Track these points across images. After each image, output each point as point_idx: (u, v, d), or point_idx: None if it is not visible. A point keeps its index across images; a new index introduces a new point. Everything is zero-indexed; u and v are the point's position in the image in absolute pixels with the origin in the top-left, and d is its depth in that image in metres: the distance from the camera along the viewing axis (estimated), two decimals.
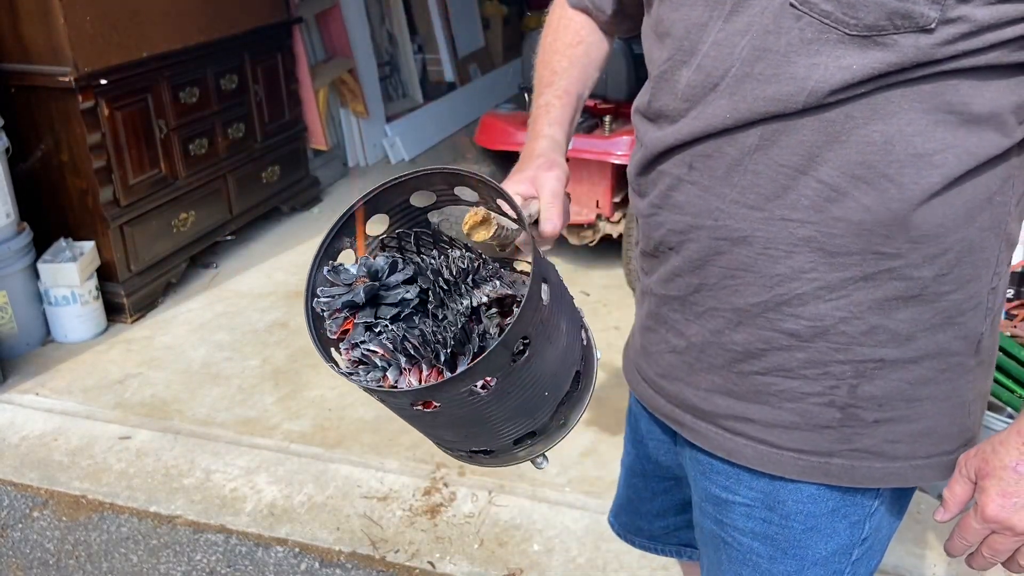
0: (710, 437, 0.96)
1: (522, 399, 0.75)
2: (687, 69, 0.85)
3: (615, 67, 3.23)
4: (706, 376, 0.94)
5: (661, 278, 0.97)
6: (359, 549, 2.13)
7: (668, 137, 0.89)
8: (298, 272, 3.62)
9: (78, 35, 2.85)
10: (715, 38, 0.82)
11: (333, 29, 4.65)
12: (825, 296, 0.84)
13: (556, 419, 0.82)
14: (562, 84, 1.07)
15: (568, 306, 0.82)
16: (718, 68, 0.82)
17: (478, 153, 3.49)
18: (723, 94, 0.82)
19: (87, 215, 3.07)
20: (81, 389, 2.79)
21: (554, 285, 0.77)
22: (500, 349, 0.69)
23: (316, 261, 0.78)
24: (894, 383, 0.87)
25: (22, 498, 2.32)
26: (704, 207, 0.87)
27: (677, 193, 0.90)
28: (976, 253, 0.84)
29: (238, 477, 2.38)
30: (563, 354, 0.78)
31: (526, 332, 0.71)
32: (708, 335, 0.92)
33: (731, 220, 0.86)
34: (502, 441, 0.81)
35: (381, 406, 0.77)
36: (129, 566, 2.11)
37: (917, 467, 0.91)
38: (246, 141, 3.77)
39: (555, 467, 2.37)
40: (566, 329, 0.79)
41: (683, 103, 0.86)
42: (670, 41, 0.87)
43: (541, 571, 2.05)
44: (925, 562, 2.03)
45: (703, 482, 1.01)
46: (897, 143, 0.78)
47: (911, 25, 0.73)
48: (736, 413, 0.93)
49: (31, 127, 2.99)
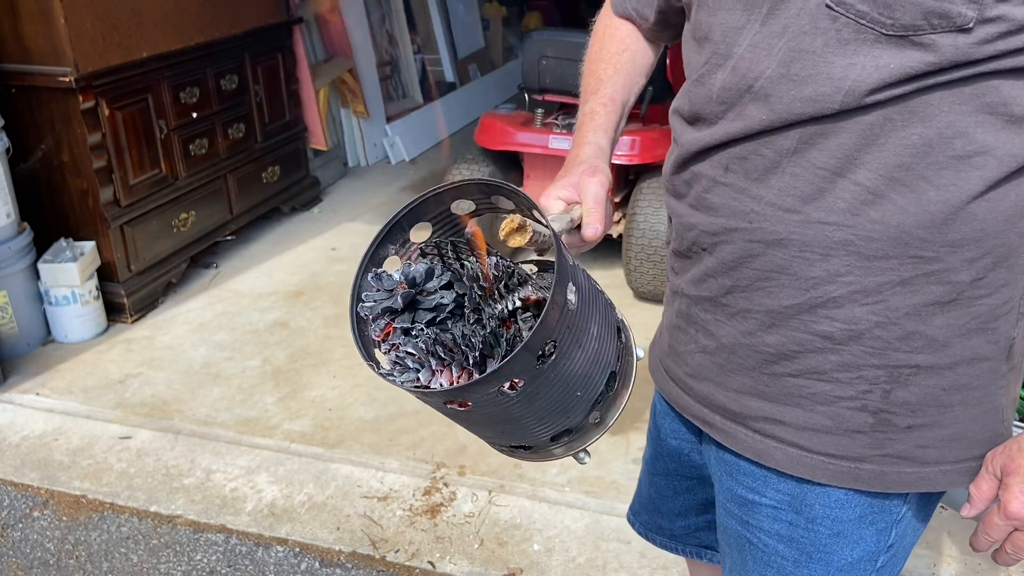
0: (739, 438, 0.96)
1: (553, 399, 0.78)
2: (722, 72, 0.86)
3: None
4: (737, 377, 0.94)
5: (693, 278, 0.97)
6: (359, 549, 2.13)
7: (704, 139, 0.89)
8: (298, 272, 3.62)
9: (78, 35, 2.85)
10: (751, 40, 0.83)
11: (333, 29, 4.65)
12: (861, 300, 0.84)
13: (591, 417, 0.84)
14: (607, 91, 1.08)
15: (601, 309, 0.83)
16: (753, 70, 0.83)
17: (476, 153, 3.49)
18: (759, 96, 0.83)
19: (87, 215, 3.07)
20: (81, 389, 2.79)
21: (583, 289, 0.78)
22: (524, 353, 0.71)
23: (361, 267, 0.82)
24: (928, 389, 0.87)
25: (22, 498, 2.33)
26: (739, 209, 0.87)
27: (712, 195, 0.90)
28: (1012, 258, 0.83)
29: (238, 477, 2.38)
30: (594, 356, 0.80)
31: (551, 336, 0.73)
32: (740, 336, 0.92)
33: (767, 222, 0.86)
34: (539, 438, 0.84)
35: (381, 406, 0.79)
36: (129, 566, 2.11)
37: (947, 472, 0.90)
38: (246, 141, 3.77)
39: (555, 467, 2.38)
40: (597, 332, 0.80)
41: (718, 105, 0.87)
42: (708, 45, 0.88)
43: (541, 571, 2.05)
44: (925, 562, 2.03)
45: (729, 482, 1.01)
46: (936, 145, 0.77)
47: (948, 25, 0.72)
48: (767, 415, 0.93)
49: (31, 127, 2.99)
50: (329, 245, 3.90)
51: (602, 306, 0.83)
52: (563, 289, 0.74)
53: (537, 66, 3.34)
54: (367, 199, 4.47)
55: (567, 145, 3.27)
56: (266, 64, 3.85)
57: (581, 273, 0.80)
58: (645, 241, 3.09)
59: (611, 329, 0.84)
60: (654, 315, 3.21)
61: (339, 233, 4.03)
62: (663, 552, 2.08)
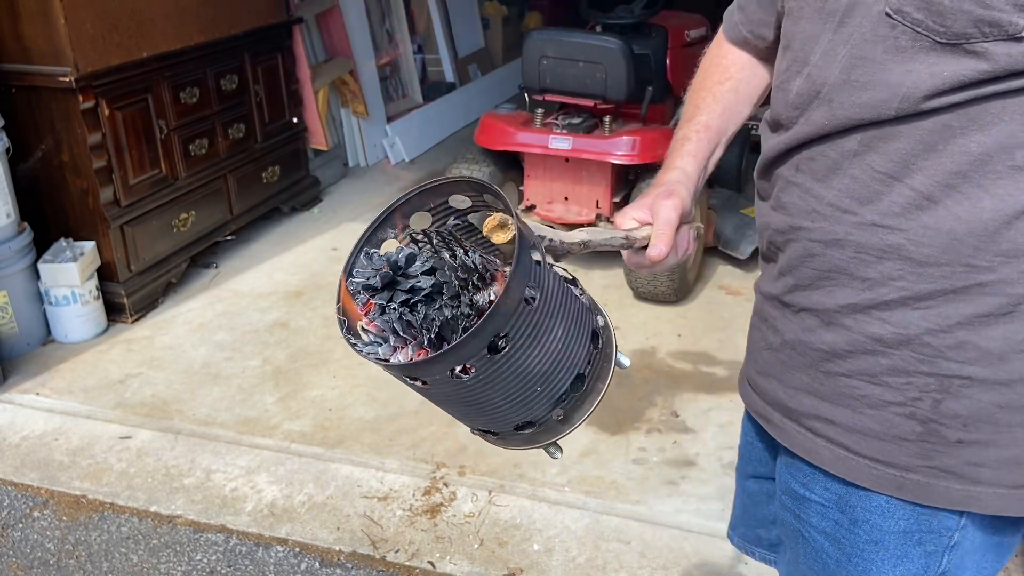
0: (792, 435, 0.97)
1: (509, 390, 0.82)
2: (799, 79, 0.89)
3: (615, 68, 3.23)
4: (796, 374, 0.96)
5: (768, 276, 1.00)
6: (359, 549, 2.13)
7: (782, 142, 0.93)
8: (298, 272, 3.62)
9: (78, 35, 2.85)
10: (824, 48, 0.85)
11: (333, 29, 4.65)
12: (912, 304, 0.84)
13: (554, 414, 0.88)
14: (702, 119, 1.11)
15: (573, 313, 0.86)
16: (821, 76, 0.85)
17: (477, 153, 3.49)
18: (824, 100, 0.85)
19: (87, 215, 3.07)
20: (81, 389, 2.79)
21: (549, 291, 0.82)
22: (472, 339, 0.76)
23: (358, 246, 0.88)
24: (982, 404, 0.85)
25: (22, 498, 2.33)
26: (804, 208, 0.90)
27: (785, 194, 0.94)
28: None
29: (238, 477, 2.38)
30: (557, 356, 0.84)
31: (501, 329, 0.77)
32: (800, 333, 0.94)
33: (826, 222, 0.88)
34: (500, 425, 0.89)
35: (381, 406, 0.83)
36: (129, 566, 2.11)
37: (1002, 496, 0.88)
38: (246, 141, 3.77)
39: (555, 467, 2.38)
40: (563, 335, 0.84)
41: (793, 111, 0.90)
42: (789, 53, 0.91)
43: (541, 571, 2.05)
44: None
45: (786, 476, 1.02)
46: (996, 155, 0.78)
47: (1000, 33, 0.73)
48: (819, 413, 0.94)
49: (32, 127, 2.99)
50: (329, 245, 3.90)
51: (575, 310, 0.86)
52: (519, 286, 0.78)
53: (537, 66, 3.34)
54: (367, 199, 4.47)
55: (567, 145, 3.28)
56: (266, 64, 3.85)
57: (551, 276, 0.83)
58: None
59: (583, 333, 0.87)
60: (654, 315, 3.22)
61: (339, 233, 4.03)
62: (663, 552, 2.08)
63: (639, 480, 2.34)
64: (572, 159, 3.30)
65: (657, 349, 3.00)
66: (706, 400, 2.70)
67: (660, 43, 3.65)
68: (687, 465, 2.40)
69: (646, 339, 3.06)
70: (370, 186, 4.68)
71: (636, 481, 2.33)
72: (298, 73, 4.13)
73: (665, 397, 2.72)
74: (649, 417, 2.62)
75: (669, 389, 2.76)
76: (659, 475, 2.36)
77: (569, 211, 3.40)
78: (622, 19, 3.59)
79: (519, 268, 0.77)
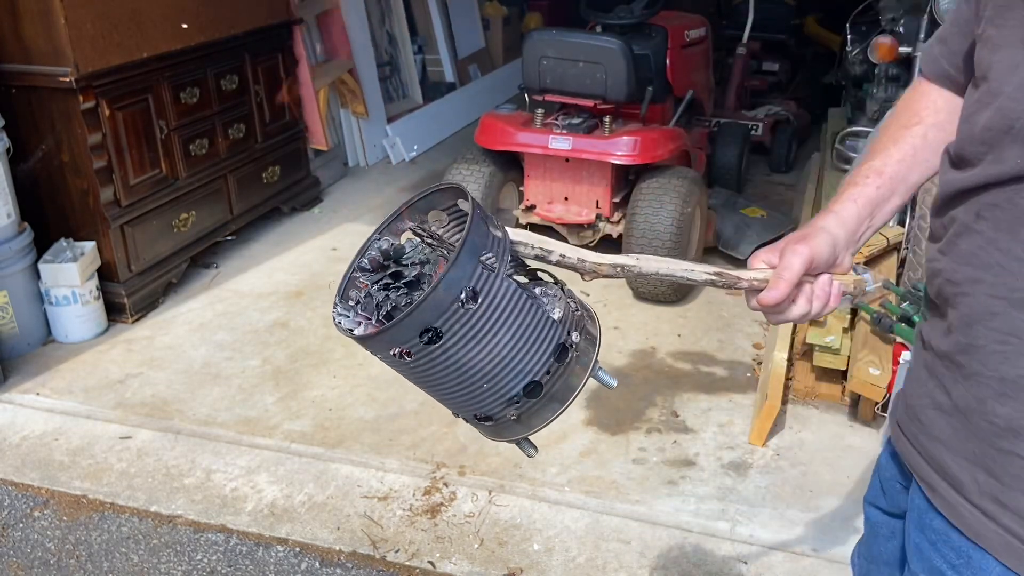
0: (960, 512, 0.88)
1: (453, 380, 0.89)
2: (988, 111, 0.81)
3: (615, 68, 3.24)
4: (967, 444, 0.86)
5: (935, 329, 0.91)
6: (359, 549, 2.13)
7: (961, 181, 0.85)
8: (298, 272, 3.63)
9: (79, 35, 2.85)
10: (1020, 79, 0.78)
11: (333, 29, 4.65)
12: None
13: (508, 414, 0.93)
14: (875, 164, 1.02)
15: (530, 323, 0.89)
16: (1015, 110, 0.78)
17: (477, 153, 3.49)
18: (1017, 137, 0.77)
19: (88, 215, 3.07)
20: (82, 389, 2.79)
21: (498, 300, 0.87)
22: (394, 327, 0.84)
23: (376, 233, 0.96)
24: None
25: (23, 498, 2.33)
26: (985, 260, 0.81)
27: (961, 241, 0.85)
28: None
29: (239, 477, 2.38)
30: (505, 359, 0.89)
31: (429, 323, 0.84)
32: (973, 401, 0.85)
33: (1011, 278, 0.79)
34: (463, 411, 0.96)
35: (381, 406, 0.85)
36: (130, 566, 2.11)
37: None
38: (247, 141, 3.77)
39: (555, 467, 2.38)
40: (511, 340, 0.88)
41: (980, 146, 0.82)
42: (983, 84, 0.84)
43: (541, 571, 2.05)
44: None
45: (929, 550, 0.93)
46: None
47: None
48: (991, 492, 0.84)
49: (32, 127, 2.99)
50: (329, 245, 3.90)
51: (532, 320, 0.90)
52: (450, 287, 0.83)
53: (537, 66, 3.34)
54: (367, 199, 4.47)
55: (567, 145, 3.28)
56: (266, 64, 3.85)
57: (502, 284, 0.87)
58: (645, 241, 3.09)
59: (542, 344, 0.90)
60: (654, 315, 3.22)
61: (339, 233, 4.03)
62: (663, 552, 2.09)
63: (639, 480, 2.34)
64: (572, 159, 3.30)
65: (657, 349, 3.00)
66: (706, 400, 2.70)
67: (660, 43, 3.65)
68: (687, 465, 2.40)
69: (646, 339, 3.06)
70: (370, 186, 4.68)
71: (636, 481, 2.34)
72: (298, 73, 4.13)
73: (665, 397, 2.72)
74: (649, 417, 2.62)
75: (669, 389, 2.76)
76: (659, 475, 2.36)
77: (569, 211, 3.40)
78: (622, 19, 3.59)
79: (456, 268, 0.83)
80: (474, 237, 0.85)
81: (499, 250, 0.88)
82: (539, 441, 0.98)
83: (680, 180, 3.18)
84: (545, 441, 2.50)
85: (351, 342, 0.90)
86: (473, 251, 0.84)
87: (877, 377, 2.38)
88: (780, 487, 2.30)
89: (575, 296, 0.98)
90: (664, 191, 3.12)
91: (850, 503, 2.22)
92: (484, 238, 0.87)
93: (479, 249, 0.85)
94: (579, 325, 0.95)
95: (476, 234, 0.85)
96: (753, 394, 2.73)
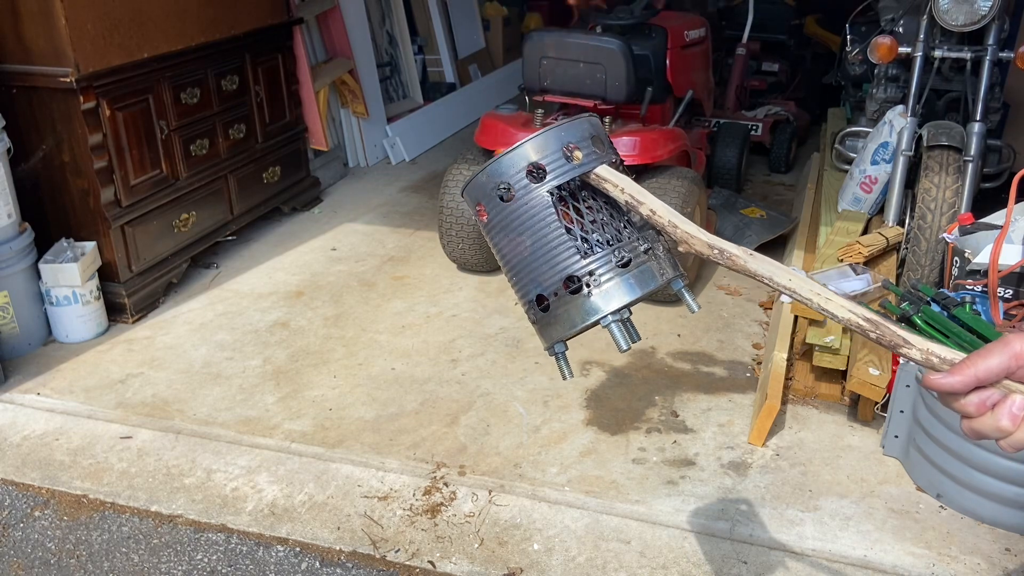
0: None
1: (511, 249, 1.02)
2: None
3: (615, 68, 3.24)
4: None
5: None
6: (360, 548, 2.13)
7: None
8: (299, 272, 3.63)
9: (79, 36, 2.85)
10: None
11: (333, 29, 4.66)
12: None
13: (530, 314, 1.04)
14: None
15: (546, 242, 0.99)
16: None
17: (477, 153, 3.49)
18: None
19: (88, 215, 3.07)
20: (82, 389, 2.80)
21: (528, 210, 0.99)
22: (480, 171, 1.03)
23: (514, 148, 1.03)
24: None
25: (23, 498, 2.33)
26: None
27: None
28: None
29: (239, 477, 2.39)
30: (524, 260, 1.01)
31: (500, 191, 1.01)
32: None
33: None
34: (523, 291, 1.04)
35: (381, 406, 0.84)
36: (130, 565, 2.11)
37: None
38: (247, 141, 3.77)
39: (555, 467, 2.38)
40: (531, 245, 1.00)
41: None
42: None
43: (541, 570, 2.05)
44: (924, 561, 2.04)
45: None
46: None
47: None
48: None
49: (32, 128, 3.00)
50: (329, 245, 3.90)
51: (549, 241, 0.99)
52: (520, 156, 1.00)
53: (537, 66, 3.35)
54: (367, 199, 4.47)
55: None
56: (266, 64, 3.86)
57: (541, 202, 0.99)
58: None
59: (550, 263, 0.99)
60: (654, 315, 3.22)
61: (339, 233, 4.03)
62: (663, 552, 2.09)
63: (639, 480, 2.34)
64: None
65: (657, 349, 3.00)
66: (706, 400, 2.70)
67: (660, 44, 3.65)
68: (686, 465, 2.41)
69: (646, 339, 3.06)
70: (370, 186, 4.68)
71: (636, 481, 2.34)
72: (298, 73, 4.13)
73: (665, 397, 2.72)
74: (649, 417, 2.62)
75: (669, 389, 2.77)
76: (659, 475, 2.36)
77: None
78: (622, 19, 3.59)
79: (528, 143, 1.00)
80: (562, 133, 0.98)
81: (566, 167, 0.98)
82: (539, 442, 1.00)
83: (680, 180, 3.18)
84: (545, 441, 2.50)
85: (351, 342, 0.91)
86: (558, 140, 0.98)
87: (877, 377, 2.39)
88: (780, 487, 2.30)
89: (657, 239, 1.03)
90: (664, 191, 3.12)
91: (850, 503, 2.23)
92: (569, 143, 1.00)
93: (563, 140, 0.99)
94: (582, 256, 0.99)
95: (568, 133, 0.99)
96: (753, 394, 2.73)
